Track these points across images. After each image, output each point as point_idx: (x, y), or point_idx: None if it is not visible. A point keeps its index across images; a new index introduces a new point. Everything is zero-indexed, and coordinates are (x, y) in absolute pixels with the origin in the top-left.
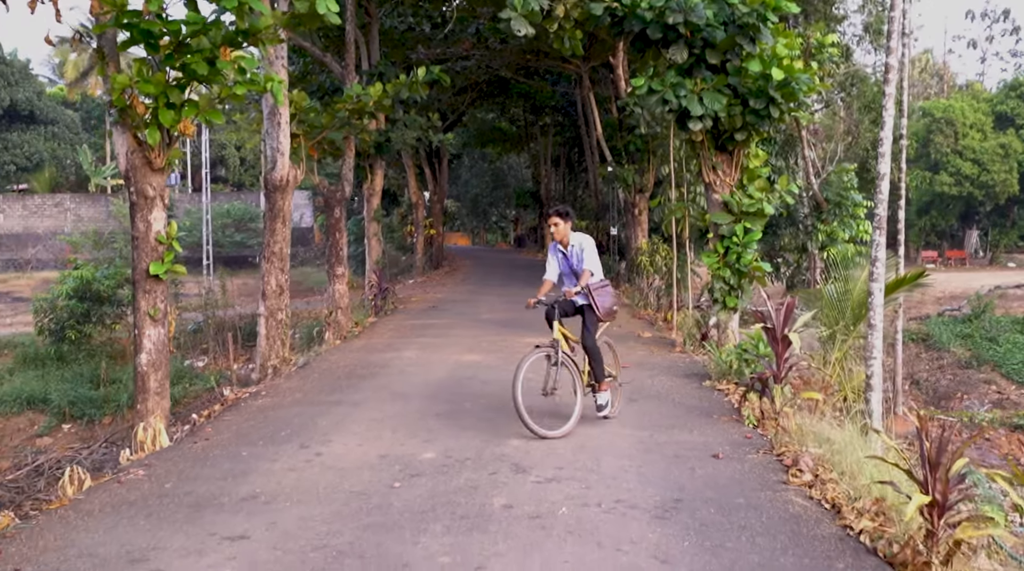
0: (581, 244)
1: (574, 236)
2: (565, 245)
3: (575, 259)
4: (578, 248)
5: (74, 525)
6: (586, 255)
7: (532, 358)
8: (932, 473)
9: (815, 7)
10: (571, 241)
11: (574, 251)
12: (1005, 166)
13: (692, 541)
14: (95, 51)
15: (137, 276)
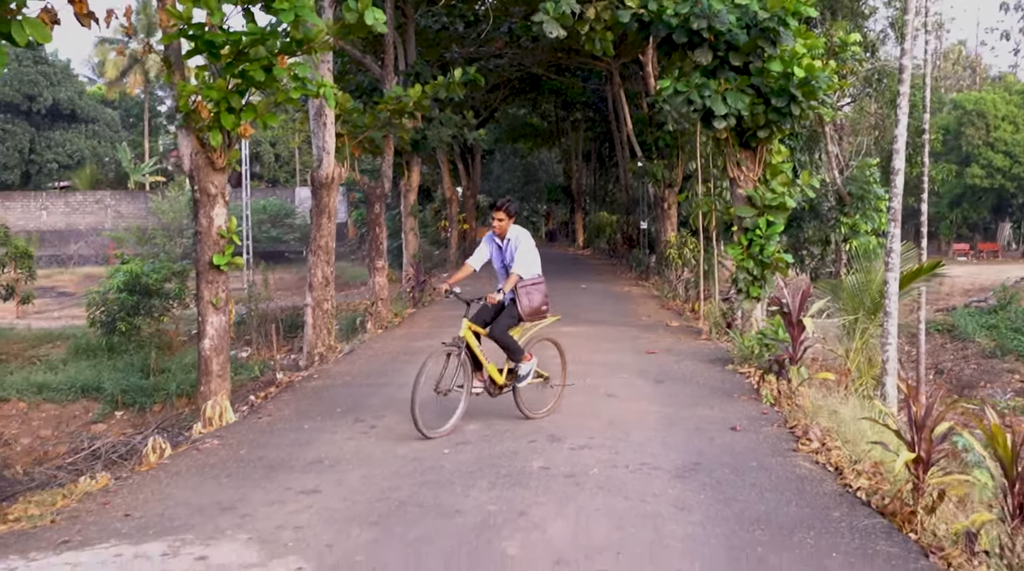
0: (517, 238)
1: (512, 229)
2: (502, 237)
3: (508, 254)
4: (513, 242)
5: (166, 483)
6: (519, 253)
7: (438, 356)
8: (918, 433)
9: (842, 4)
10: (509, 234)
11: (509, 245)
12: None
13: (708, 495)
14: (162, 60)
15: (200, 267)
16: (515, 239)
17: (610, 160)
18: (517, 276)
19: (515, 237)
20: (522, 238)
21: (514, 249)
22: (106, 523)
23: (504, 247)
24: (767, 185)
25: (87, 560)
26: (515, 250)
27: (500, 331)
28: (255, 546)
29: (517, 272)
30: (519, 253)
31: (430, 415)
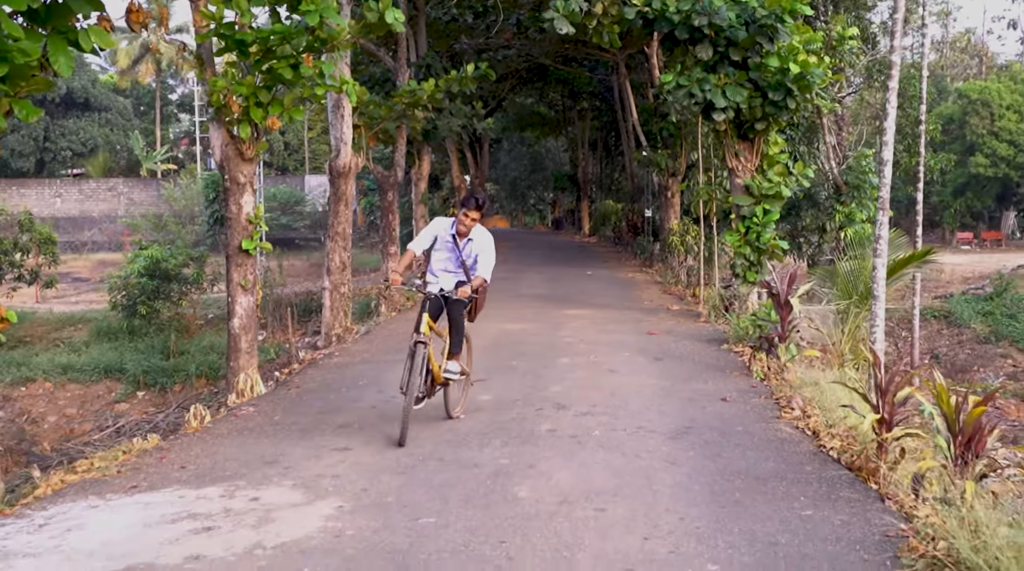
0: (483, 240)
1: (477, 229)
2: (463, 235)
3: (468, 253)
4: (478, 243)
5: (211, 442)
6: (485, 257)
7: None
8: (882, 398)
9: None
10: (471, 235)
11: (471, 245)
12: None
13: (696, 452)
14: (195, 57)
15: (230, 251)
16: (480, 241)
17: (616, 149)
18: (483, 280)
19: (480, 238)
20: (487, 241)
21: (478, 251)
22: (166, 473)
23: (462, 247)
24: (764, 175)
25: (156, 500)
26: (480, 253)
27: (459, 312)
28: (299, 490)
29: (484, 276)
30: (485, 256)
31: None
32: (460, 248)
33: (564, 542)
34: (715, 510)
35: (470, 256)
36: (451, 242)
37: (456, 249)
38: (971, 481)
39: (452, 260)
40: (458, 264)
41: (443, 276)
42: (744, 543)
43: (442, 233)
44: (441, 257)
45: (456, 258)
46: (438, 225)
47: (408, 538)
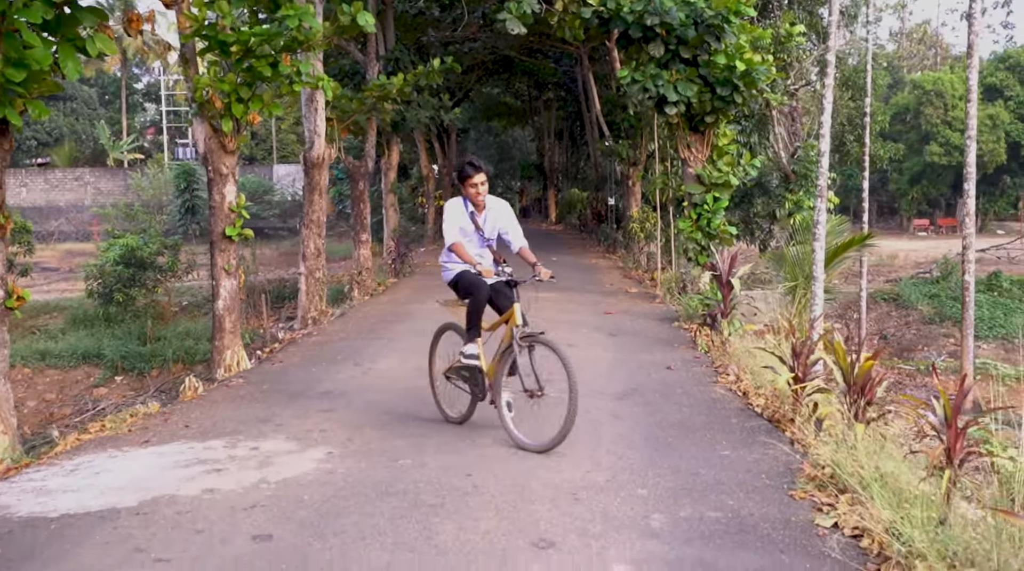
0: (502, 208)
1: (491, 200)
2: (480, 208)
3: (492, 226)
4: (497, 212)
5: (208, 407)
6: (513, 226)
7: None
8: (796, 359)
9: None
10: (488, 205)
11: (491, 216)
12: (993, 136)
13: (638, 409)
14: (179, 57)
15: (214, 238)
16: (498, 209)
17: (581, 139)
18: (528, 247)
19: (499, 207)
20: (506, 207)
21: (502, 222)
22: (172, 431)
23: (483, 221)
24: (714, 165)
25: (168, 451)
26: (504, 222)
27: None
28: (293, 441)
29: (525, 244)
30: (513, 223)
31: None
32: (481, 225)
33: (521, 474)
34: (649, 452)
35: (493, 231)
36: (471, 222)
37: (478, 230)
38: (861, 424)
39: (476, 241)
40: (483, 244)
41: (484, 258)
42: (669, 474)
43: (464, 213)
44: (470, 239)
45: (481, 239)
46: (457, 209)
47: (390, 474)
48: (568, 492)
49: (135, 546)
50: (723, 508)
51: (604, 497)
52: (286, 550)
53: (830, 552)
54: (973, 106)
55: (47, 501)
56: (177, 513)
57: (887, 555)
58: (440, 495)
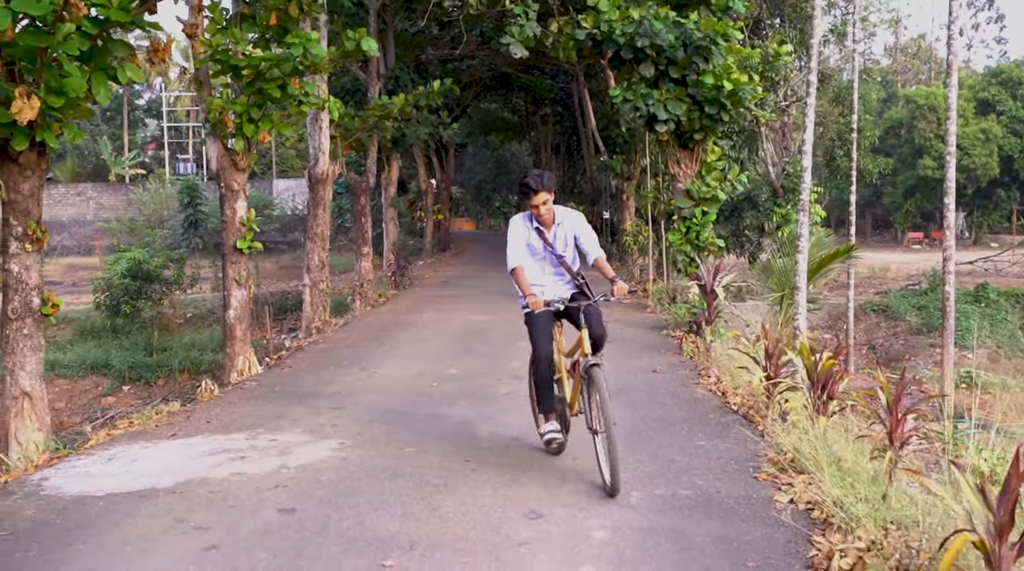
0: (575, 221)
1: (561, 212)
2: (548, 224)
3: (564, 241)
4: (570, 226)
5: (226, 406)
6: (587, 236)
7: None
8: (769, 360)
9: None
10: (558, 218)
11: (561, 231)
12: (986, 150)
13: (623, 407)
14: (193, 80)
15: (226, 250)
16: (572, 223)
17: (577, 153)
18: (605, 258)
19: (572, 220)
20: (578, 217)
21: (577, 234)
22: (195, 426)
23: (552, 236)
24: (703, 180)
25: (195, 442)
26: (576, 233)
27: (604, 328)
28: (307, 434)
29: (602, 255)
30: (587, 233)
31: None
32: (552, 242)
33: (515, 461)
34: (631, 442)
35: (567, 245)
36: (540, 239)
37: (548, 246)
38: (823, 417)
39: (549, 260)
40: (556, 262)
41: (547, 281)
42: (648, 460)
43: (525, 233)
44: (536, 263)
45: (552, 256)
46: (519, 227)
47: (396, 460)
48: (556, 475)
49: (176, 517)
50: (693, 487)
51: (589, 479)
52: (309, 520)
53: (784, 521)
54: (952, 123)
55: (92, 483)
56: (210, 492)
57: (832, 522)
58: (442, 477)
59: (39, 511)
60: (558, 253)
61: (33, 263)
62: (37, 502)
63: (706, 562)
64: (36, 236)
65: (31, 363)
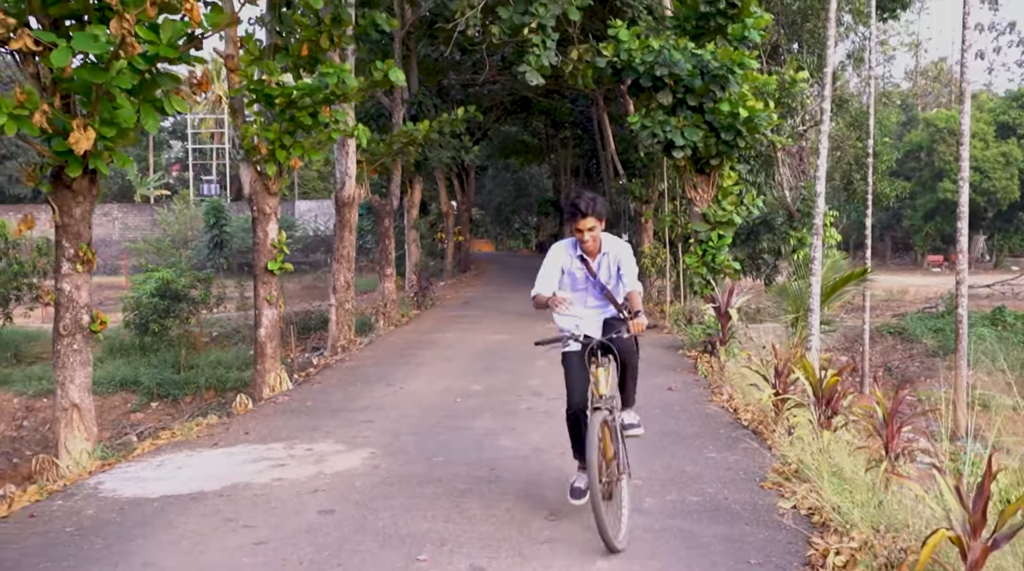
0: (619, 253)
1: (608, 240)
2: (592, 253)
3: (608, 271)
4: (614, 256)
5: (262, 419)
6: (628, 267)
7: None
8: (778, 378)
9: (804, 39)
10: (605, 247)
11: (607, 260)
12: (1006, 174)
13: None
14: (228, 108)
15: (257, 271)
16: (617, 253)
17: (597, 176)
18: (638, 293)
19: (618, 250)
20: (623, 247)
21: (621, 263)
22: (235, 437)
23: (597, 265)
24: (719, 204)
25: (236, 451)
26: (625, 264)
27: (633, 348)
28: (341, 444)
29: (636, 289)
30: (627, 264)
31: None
32: (596, 271)
33: (536, 469)
34: (646, 453)
35: (611, 276)
36: (583, 268)
37: (591, 276)
38: (827, 431)
39: (592, 291)
40: (600, 293)
41: (587, 314)
42: (661, 469)
43: (567, 261)
44: (576, 294)
45: (596, 287)
46: (559, 253)
47: (425, 468)
48: None
49: (225, 517)
50: (703, 495)
51: None
52: (347, 520)
53: (786, 524)
54: (965, 150)
55: (145, 487)
56: (254, 495)
57: (829, 526)
58: (468, 483)
59: (99, 511)
60: (602, 282)
61: (83, 283)
62: (96, 503)
63: (712, 559)
64: (87, 257)
65: (80, 377)
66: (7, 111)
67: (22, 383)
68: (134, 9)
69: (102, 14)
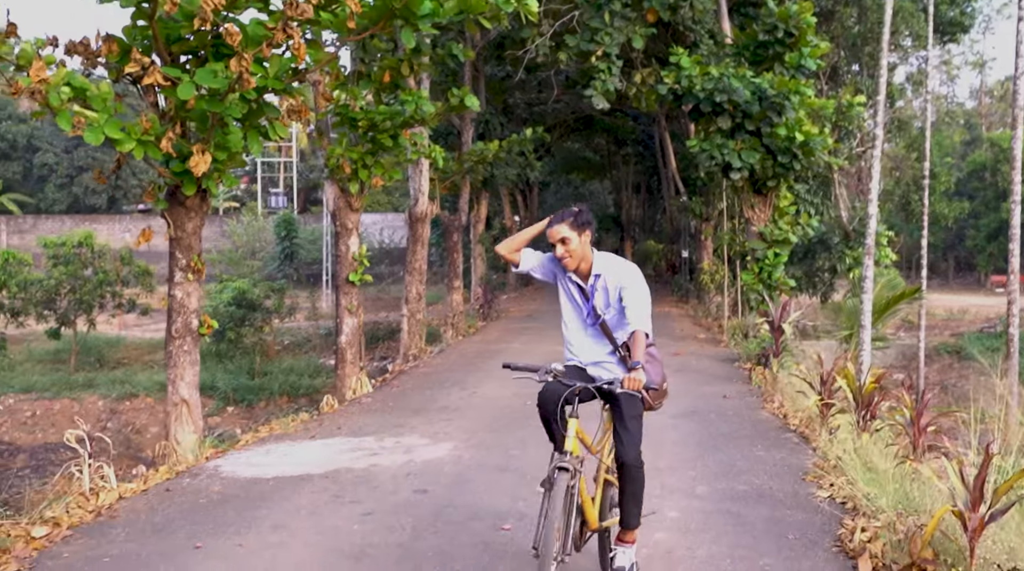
0: (619, 278)
1: (603, 260)
2: (584, 275)
3: (605, 301)
4: (611, 280)
5: (350, 416)
6: (632, 298)
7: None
8: (823, 386)
9: (864, 61)
10: (596, 268)
11: (600, 284)
12: None
13: (695, 424)
14: (315, 129)
15: (339, 282)
16: (618, 276)
17: (657, 193)
18: (643, 334)
19: (619, 273)
20: (627, 272)
21: (619, 291)
22: (329, 430)
23: (591, 289)
24: (775, 224)
25: (332, 443)
26: (628, 293)
27: (633, 452)
28: (426, 438)
29: (641, 329)
30: (631, 295)
31: None
32: (591, 293)
33: None
34: (700, 450)
35: (609, 305)
36: (573, 287)
37: (579, 297)
38: (865, 433)
39: (584, 322)
40: (591, 321)
41: (583, 346)
42: (714, 464)
43: (559, 270)
44: (569, 314)
45: (587, 313)
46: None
47: (503, 459)
48: None
49: (333, 494)
50: (750, 484)
51: (664, 476)
52: (438, 498)
53: (822, 509)
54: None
55: (258, 469)
56: (355, 477)
57: (860, 510)
58: (542, 471)
59: (224, 487)
60: (599, 313)
61: (193, 290)
62: (220, 481)
63: (755, 534)
64: (197, 267)
65: (189, 375)
66: (136, 137)
67: (106, 387)
68: (252, 49)
69: (216, 50)
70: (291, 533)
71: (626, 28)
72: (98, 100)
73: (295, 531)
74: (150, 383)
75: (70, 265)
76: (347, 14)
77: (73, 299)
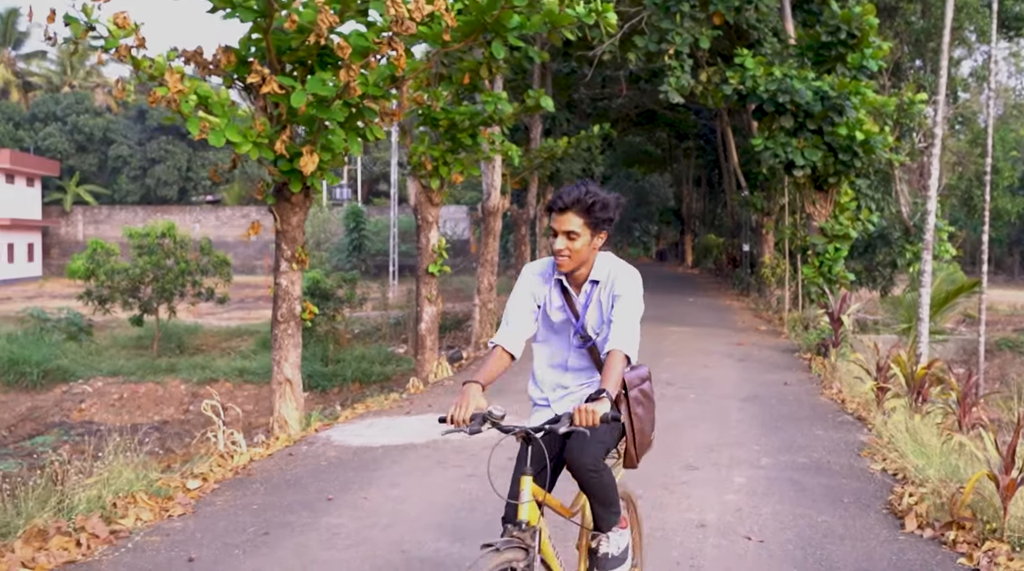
0: (616, 286)
1: (603, 264)
2: (579, 282)
3: (599, 318)
4: (608, 292)
5: (437, 396)
6: (622, 311)
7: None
8: (879, 372)
9: (927, 56)
10: (595, 273)
11: (597, 298)
12: None
13: (757, 407)
14: (399, 128)
15: (420, 273)
16: (613, 284)
17: (718, 186)
18: (623, 357)
19: (616, 278)
20: (629, 284)
21: (613, 299)
22: (420, 408)
23: (583, 301)
24: (836, 219)
25: (426, 419)
26: (621, 301)
27: (593, 459)
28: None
29: (621, 349)
30: (623, 311)
31: None
32: (580, 312)
33: (671, 440)
34: (763, 430)
35: (603, 321)
36: (563, 305)
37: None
38: (918, 414)
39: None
40: (577, 344)
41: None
42: (777, 441)
43: (539, 290)
44: (545, 334)
45: (574, 332)
46: (529, 277)
47: None
48: (706, 446)
49: (436, 460)
50: (810, 458)
51: (730, 449)
52: None
53: (875, 478)
54: None
55: (366, 440)
56: (454, 447)
57: (909, 479)
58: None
59: (339, 453)
60: (588, 332)
61: (297, 279)
62: (333, 449)
63: (814, 498)
64: (300, 258)
65: (292, 357)
66: (251, 139)
67: (187, 372)
68: (358, 60)
69: (321, 59)
70: (407, 489)
71: (693, 29)
72: (219, 106)
73: (410, 488)
74: (229, 368)
75: (154, 255)
76: (443, 28)
77: (156, 287)
